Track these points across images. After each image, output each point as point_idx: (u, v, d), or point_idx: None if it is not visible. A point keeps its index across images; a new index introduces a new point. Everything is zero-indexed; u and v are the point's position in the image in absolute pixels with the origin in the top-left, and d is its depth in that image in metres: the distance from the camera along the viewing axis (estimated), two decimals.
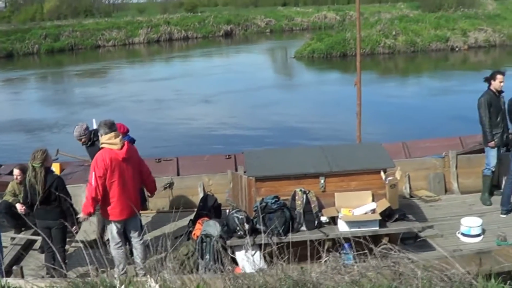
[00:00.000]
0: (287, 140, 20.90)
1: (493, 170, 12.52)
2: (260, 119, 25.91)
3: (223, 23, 78.70)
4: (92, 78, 44.07)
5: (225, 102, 30.45)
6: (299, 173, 9.75)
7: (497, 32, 51.80)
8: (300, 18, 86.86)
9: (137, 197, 9.54)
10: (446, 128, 20.62)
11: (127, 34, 69.85)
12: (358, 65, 13.64)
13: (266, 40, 72.38)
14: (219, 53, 59.55)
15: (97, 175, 8.96)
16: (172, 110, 28.65)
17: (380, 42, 48.05)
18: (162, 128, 24.58)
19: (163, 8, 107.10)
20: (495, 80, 12.38)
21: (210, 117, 26.55)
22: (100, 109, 27.81)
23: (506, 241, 9.64)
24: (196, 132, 23.63)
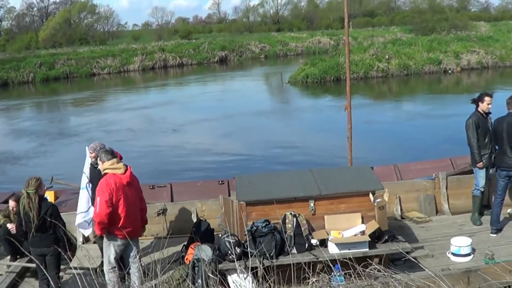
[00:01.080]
0: (279, 164, 21.02)
1: (482, 190, 12.65)
2: (253, 144, 26.03)
3: (218, 49, 79.08)
4: (87, 106, 44.16)
5: (219, 128, 30.58)
6: (289, 197, 9.87)
7: (490, 54, 52.18)
8: (294, 43, 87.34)
9: (140, 219, 9.73)
10: (437, 150, 20.76)
11: (122, 61, 70.08)
12: (348, 90, 13.78)
13: (260, 66, 72.71)
14: (214, 79, 59.77)
15: (103, 200, 9.08)
16: (167, 137, 28.76)
17: (373, 66, 48.29)
18: (156, 154, 24.64)
19: (157, 35, 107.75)
20: (483, 102, 12.53)
21: (205, 143, 26.66)
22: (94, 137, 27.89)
23: (494, 259, 9.75)
24: (191, 158, 23.72)
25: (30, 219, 9.37)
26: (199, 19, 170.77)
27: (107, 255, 9.55)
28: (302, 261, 8.44)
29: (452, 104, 35.20)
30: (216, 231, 11.44)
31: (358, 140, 14.99)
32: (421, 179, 14.41)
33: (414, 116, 31.88)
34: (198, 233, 10.95)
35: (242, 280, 8.68)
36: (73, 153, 22.76)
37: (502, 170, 11.62)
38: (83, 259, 10.17)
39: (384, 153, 22.27)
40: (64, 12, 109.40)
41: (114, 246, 9.44)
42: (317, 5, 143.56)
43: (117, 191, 9.16)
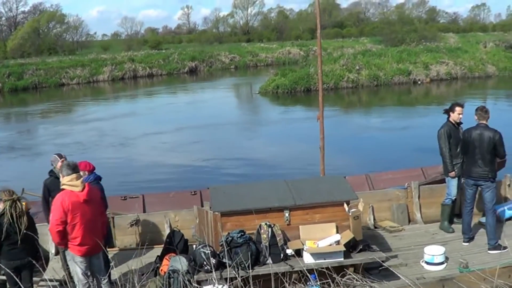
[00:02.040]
0: (252, 175, 21.01)
1: (453, 199, 12.79)
2: (225, 154, 26.00)
3: (188, 59, 79.00)
4: (56, 116, 43.87)
5: (189, 139, 30.48)
6: (264, 207, 9.87)
7: (459, 65, 52.81)
8: (264, 54, 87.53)
9: (101, 236, 9.38)
10: (409, 160, 20.90)
11: (91, 72, 69.74)
12: (320, 100, 13.85)
13: (230, 76, 72.79)
14: (183, 90, 59.70)
15: (54, 218, 8.86)
16: (137, 147, 28.63)
17: (343, 76, 48.56)
18: (128, 165, 24.52)
19: (127, 45, 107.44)
20: (454, 112, 12.70)
21: (175, 154, 26.59)
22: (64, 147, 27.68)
23: (468, 268, 9.82)
24: (162, 169, 23.62)
25: (14, 230, 9.23)
26: (168, 30, 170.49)
27: (74, 272, 9.39)
28: (278, 271, 8.45)
29: (422, 115, 35.51)
30: (190, 241, 11.40)
31: (330, 150, 15.04)
32: (394, 188, 14.50)
33: (385, 126, 32.10)
34: (172, 243, 10.91)
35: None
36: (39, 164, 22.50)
37: (471, 179, 11.75)
38: (56, 270, 10.09)
39: (355, 163, 22.38)
40: (32, 21, 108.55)
41: (77, 263, 9.25)
42: (287, 16, 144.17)
43: (73, 209, 8.89)
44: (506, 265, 9.22)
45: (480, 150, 11.41)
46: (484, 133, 11.39)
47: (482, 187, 11.64)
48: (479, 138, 11.44)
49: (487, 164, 11.43)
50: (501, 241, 11.51)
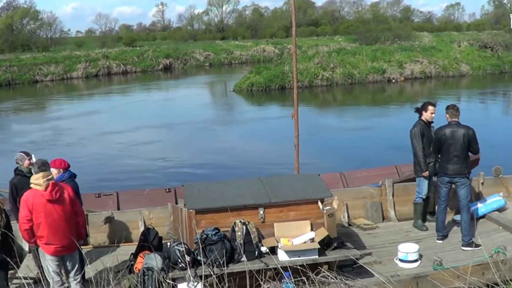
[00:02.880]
0: (227, 173, 20.99)
1: (424, 198, 12.86)
2: (199, 152, 25.94)
3: (162, 57, 78.76)
4: (29, 113, 43.52)
5: (164, 136, 30.39)
6: (238, 205, 9.87)
7: (433, 63, 53.14)
8: (239, 51, 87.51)
9: (74, 236, 9.19)
10: (383, 158, 21.00)
11: (65, 68, 69.24)
12: (295, 98, 13.86)
13: (205, 74, 72.66)
14: (158, 87, 59.51)
15: (21, 216, 8.88)
16: (111, 145, 28.45)
17: (318, 74, 48.64)
18: (102, 163, 24.38)
19: (101, 42, 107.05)
20: (427, 111, 12.77)
21: (149, 151, 26.46)
22: (37, 145, 27.52)
23: (442, 266, 9.87)
24: (136, 167, 23.51)
25: None
26: (143, 27, 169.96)
27: (46, 269, 9.33)
28: (252, 268, 8.44)
29: (396, 113, 35.73)
30: (165, 239, 11.36)
31: (304, 148, 15.08)
32: (368, 186, 14.56)
33: (359, 124, 32.21)
34: (147, 241, 10.86)
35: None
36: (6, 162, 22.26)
37: (446, 176, 11.82)
38: (31, 268, 10.04)
39: (329, 161, 22.43)
40: (6, 18, 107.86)
41: (47, 261, 9.20)
42: (261, 14, 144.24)
43: (37, 208, 8.84)
44: (479, 263, 9.28)
45: (455, 147, 11.49)
46: (458, 130, 11.48)
47: (457, 184, 11.72)
48: (453, 135, 11.52)
49: (462, 160, 11.53)
50: (475, 239, 11.59)
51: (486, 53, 57.08)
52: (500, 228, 12.77)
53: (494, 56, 56.53)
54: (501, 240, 11.74)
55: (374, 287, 6.96)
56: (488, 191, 14.25)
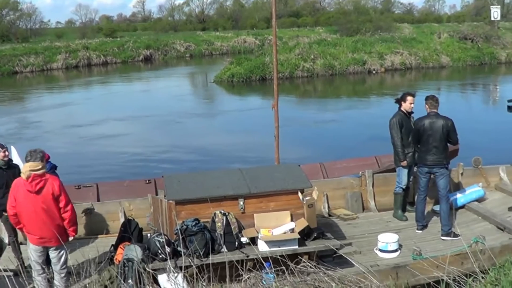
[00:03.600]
0: (207, 163, 20.95)
1: (404, 188, 12.93)
2: (180, 143, 25.90)
3: (143, 48, 78.41)
4: (9, 105, 43.22)
5: (144, 127, 30.32)
6: (218, 196, 9.87)
7: (413, 55, 53.33)
8: (219, 42, 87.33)
9: (58, 230, 9.14)
10: (363, 148, 21.04)
11: (45, 59, 68.69)
12: (275, 89, 13.84)
13: (185, 65, 72.48)
14: (138, 78, 59.26)
15: (9, 200, 9.06)
16: (91, 136, 28.30)
17: (299, 65, 48.64)
18: (81, 154, 24.23)
19: (81, 33, 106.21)
20: (406, 101, 12.84)
21: (130, 143, 26.39)
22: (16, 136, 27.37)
23: (421, 255, 9.93)
24: (116, 158, 23.43)
25: None
26: (123, 17, 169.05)
27: (30, 259, 9.35)
28: (233, 259, 8.45)
29: (376, 104, 35.86)
30: (145, 230, 11.35)
31: (284, 138, 15.05)
32: (348, 176, 14.60)
33: (339, 115, 32.26)
34: (127, 232, 10.84)
35: (173, 279, 8.63)
36: None
37: (425, 167, 11.90)
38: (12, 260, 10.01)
39: (310, 152, 22.45)
40: None
41: (30, 250, 9.22)
42: (242, 5, 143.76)
43: (19, 196, 8.97)
44: (458, 253, 9.35)
45: (434, 138, 11.57)
46: (437, 121, 11.56)
47: (436, 174, 11.80)
48: (432, 126, 11.60)
49: (441, 151, 11.62)
50: (454, 228, 11.67)
51: (466, 45, 57.27)
52: (479, 218, 12.88)
53: (474, 48, 56.76)
54: (480, 230, 11.84)
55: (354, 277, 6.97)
56: (468, 181, 14.37)
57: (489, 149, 19.83)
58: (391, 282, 7.87)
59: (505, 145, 18.21)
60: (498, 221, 12.38)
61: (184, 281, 8.60)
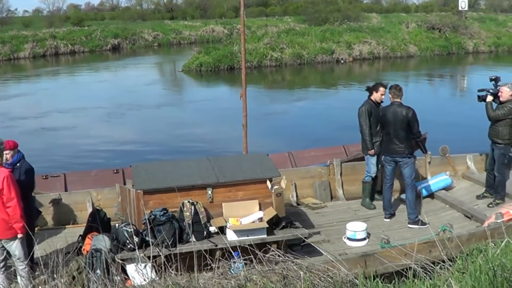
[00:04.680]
0: (175, 153, 20.90)
1: (373, 176, 13.01)
2: (148, 132, 25.79)
3: (110, 37, 77.81)
4: None
5: (112, 117, 30.08)
6: (186, 185, 9.86)
7: (381, 44, 53.57)
8: (188, 31, 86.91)
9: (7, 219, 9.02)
10: (331, 138, 21.13)
11: (12, 48, 67.86)
12: (243, 78, 13.82)
13: (154, 54, 72.16)
14: (106, 67, 58.82)
15: None
16: (58, 126, 28.06)
17: (267, 55, 48.61)
18: (48, 144, 24.02)
19: (49, 22, 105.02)
20: (378, 92, 12.92)
21: (97, 132, 26.22)
22: None
23: (389, 243, 10.01)
24: (83, 148, 23.23)
25: None
26: (91, 6, 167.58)
27: None
28: (201, 248, 8.44)
29: (344, 93, 35.97)
30: (113, 220, 11.30)
31: (253, 128, 15.05)
32: (316, 165, 14.64)
33: (307, 104, 32.34)
34: (95, 222, 10.77)
35: (141, 269, 8.60)
36: None
37: (389, 156, 12.03)
38: None
39: (278, 141, 22.49)
40: None
41: None
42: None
43: None
44: (426, 241, 9.40)
45: (395, 127, 11.71)
46: (399, 111, 11.67)
47: (400, 164, 11.93)
48: (394, 116, 11.73)
49: (402, 141, 11.72)
50: (421, 216, 11.77)
51: (434, 35, 57.64)
52: (447, 206, 13.04)
53: (441, 38, 57.14)
54: (447, 218, 11.98)
55: (322, 265, 6.99)
56: (435, 170, 14.50)
57: (456, 138, 20.01)
58: (360, 270, 7.89)
59: (472, 134, 18.32)
60: (466, 209, 12.52)
61: (152, 271, 8.58)
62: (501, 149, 12.62)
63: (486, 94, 12.75)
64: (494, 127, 12.63)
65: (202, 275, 6.93)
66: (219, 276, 6.59)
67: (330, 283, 6.32)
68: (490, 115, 12.55)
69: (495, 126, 12.58)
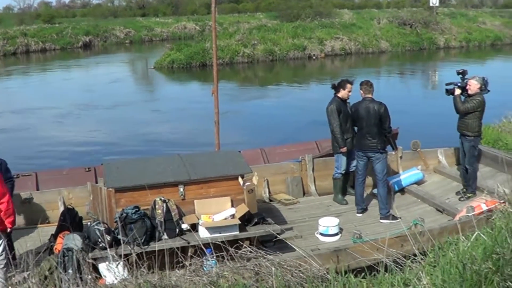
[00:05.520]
0: (147, 151, 20.77)
1: (343, 173, 13.06)
2: (120, 130, 25.65)
3: (82, 34, 77.26)
4: None
5: (83, 114, 29.88)
6: (158, 182, 9.83)
7: (353, 40, 53.76)
8: (159, 28, 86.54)
9: None
10: (303, 134, 21.15)
11: None
12: (215, 75, 13.82)
13: (125, 51, 71.83)
14: (77, 65, 58.38)
15: None
16: (28, 124, 27.80)
17: (239, 51, 48.57)
18: (18, 142, 23.79)
19: (19, 19, 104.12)
20: (345, 89, 12.98)
21: (68, 130, 26.00)
22: None
23: (362, 238, 10.05)
24: (55, 146, 23.07)
25: None
26: (62, 3, 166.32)
27: None
28: (173, 246, 8.42)
29: (316, 89, 36.04)
30: (85, 219, 11.23)
31: (225, 124, 15.09)
32: (288, 161, 14.67)
33: (280, 100, 32.36)
34: (66, 221, 10.71)
35: (114, 267, 8.57)
36: None
37: (361, 151, 12.10)
38: None
39: (250, 137, 22.49)
40: None
41: None
42: None
43: None
44: (398, 235, 9.46)
45: (367, 123, 11.78)
46: (370, 107, 11.74)
47: (372, 159, 11.99)
48: (366, 111, 11.80)
49: (374, 136, 11.78)
50: (393, 211, 11.84)
51: (405, 30, 57.95)
52: (418, 200, 13.14)
53: (413, 33, 57.46)
54: (419, 212, 12.07)
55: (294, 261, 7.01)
56: (407, 164, 14.58)
57: (428, 133, 20.13)
58: (332, 266, 7.92)
59: (443, 129, 18.42)
60: (437, 203, 12.63)
61: (124, 269, 8.56)
62: (470, 142, 12.75)
63: (454, 88, 12.85)
64: (463, 120, 12.74)
65: (174, 272, 6.93)
66: (191, 273, 6.59)
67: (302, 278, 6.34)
68: (459, 108, 12.66)
69: (465, 119, 12.69)
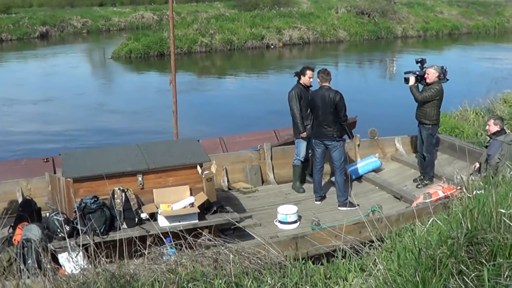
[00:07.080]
0: (105, 141, 20.68)
1: (302, 160, 13.17)
2: (77, 121, 25.39)
3: (38, 24, 76.31)
4: None
5: (39, 105, 29.56)
6: (116, 172, 9.84)
7: (311, 30, 53.76)
8: (117, 18, 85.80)
9: None
10: (262, 122, 21.24)
11: None
12: (172, 64, 13.80)
13: (83, 41, 71.20)
14: (34, 56, 57.72)
15: None
16: None
17: (197, 41, 48.39)
18: None
19: None
20: (305, 75, 13.05)
21: (25, 121, 25.75)
22: None
23: (320, 225, 10.14)
24: (11, 137, 22.87)
25: None
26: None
27: None
28: (133, 235, 8.44)
29: (274, 78, 36.13)
30: (44, 209, 11.18)
31: (183, 114, 15.05)
32: (247, 150, 14.72)
33: (238, 89, 32.42)
34: (25, 212, 10.66)
35: (73, 257, 8.57)
36: None
37: (318, 139, 12.20)
38: None
39: (209, 127, 22.48)
40: None
41: None
42: None
43: None
44: (356, 222, 9.57)
45: (323, 111, 11.87)
46: (326, 94, 11.83)
47: (329, 147, 12.11)
48: (322, 100, 11.89)
49: (330, 124, 11.89)
50: (351, 199, 11.96)
51: (363, 20, 58.15)
52: (376, 188, 13.31)
53: (371, 23, 57.70)
54: (377, 200, 12.23)
55: (253, 248, 7.08)
56: (364, 152, 14.72)
57: (385, 121, 20.33)
58: (291, 253, 8.00)
59: (401, 116, 18.66)
60: (395, 190, 12.82)
61: (84, 259, 8.55)
62: (429, 130, 12.93)
63: (409, 77, 13.03)
64: (422, 109, 12.91)
65: (133, 261, 6.96)
66: (149, 262, 6.63)
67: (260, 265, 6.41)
68: (418, 97, 12.82)
69: (423, 107, 12.86)
